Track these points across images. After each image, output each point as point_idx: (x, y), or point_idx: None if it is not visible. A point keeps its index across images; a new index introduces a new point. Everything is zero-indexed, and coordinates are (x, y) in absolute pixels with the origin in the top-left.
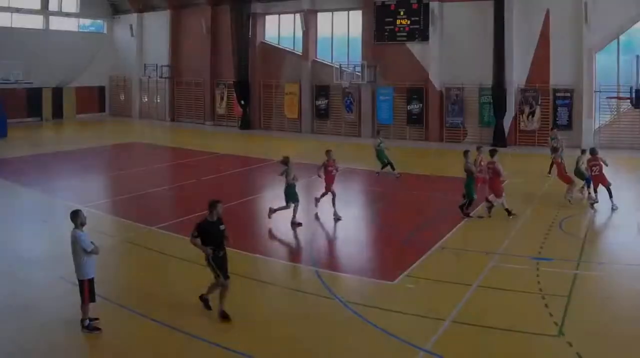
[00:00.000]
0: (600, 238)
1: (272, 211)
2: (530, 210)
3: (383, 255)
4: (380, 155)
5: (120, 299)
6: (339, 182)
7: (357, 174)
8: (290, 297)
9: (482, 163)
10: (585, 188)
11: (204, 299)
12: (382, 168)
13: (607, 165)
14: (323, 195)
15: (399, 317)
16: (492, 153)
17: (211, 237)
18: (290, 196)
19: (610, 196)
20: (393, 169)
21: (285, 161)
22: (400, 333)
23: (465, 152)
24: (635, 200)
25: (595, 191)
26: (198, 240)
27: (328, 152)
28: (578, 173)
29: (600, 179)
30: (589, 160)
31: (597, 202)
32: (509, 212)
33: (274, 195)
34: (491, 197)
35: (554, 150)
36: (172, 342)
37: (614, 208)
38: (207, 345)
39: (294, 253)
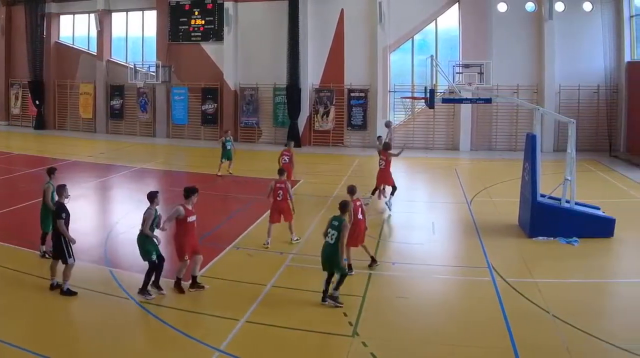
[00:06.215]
0: (394, 238)
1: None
2: (324, 210)
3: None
4: None
5: None
6: (133, 183)
7: (153, 173)
8: (86, 297)
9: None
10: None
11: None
12: None
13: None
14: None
15: (194, 317)
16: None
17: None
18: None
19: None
20: None
21: None
22: (195, 333)
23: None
24: (429, 199)
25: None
26: None
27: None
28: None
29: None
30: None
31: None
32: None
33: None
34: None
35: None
36: None
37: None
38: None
39: (88, 253)
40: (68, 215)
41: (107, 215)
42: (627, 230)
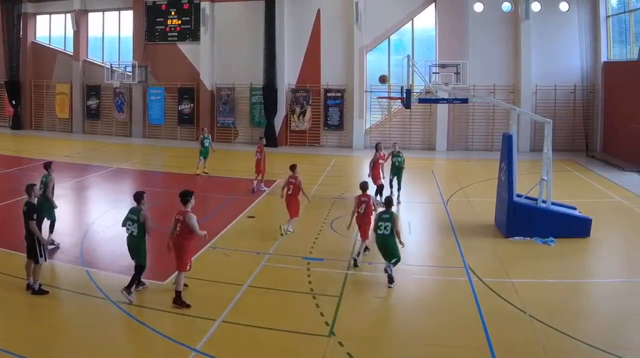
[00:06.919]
0: (371, 237)
1: None
2: (301, 210)
3: (154, 255)
4: None
5: None
6: (110, 183)
7: (130, 173)
8: (63, 298)
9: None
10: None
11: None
12: None
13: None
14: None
15: (171, 317)
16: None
17: None
18: None
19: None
20: None
21: None
22: (172, 333)
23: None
24: (405, 199)
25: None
26: None
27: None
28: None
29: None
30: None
31: None
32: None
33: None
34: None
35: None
36: None
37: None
38: None
39: (65, 253)
40: (40, 214)
41: (84, 215)
42: (603, 230)
